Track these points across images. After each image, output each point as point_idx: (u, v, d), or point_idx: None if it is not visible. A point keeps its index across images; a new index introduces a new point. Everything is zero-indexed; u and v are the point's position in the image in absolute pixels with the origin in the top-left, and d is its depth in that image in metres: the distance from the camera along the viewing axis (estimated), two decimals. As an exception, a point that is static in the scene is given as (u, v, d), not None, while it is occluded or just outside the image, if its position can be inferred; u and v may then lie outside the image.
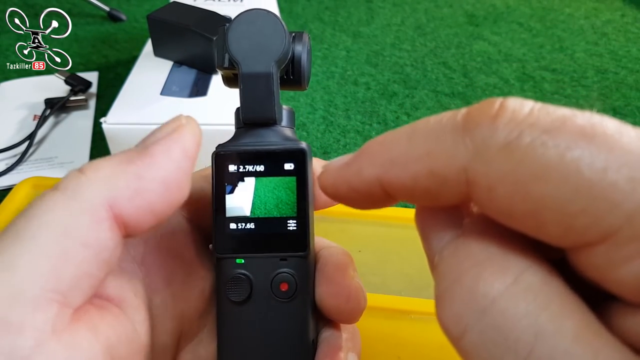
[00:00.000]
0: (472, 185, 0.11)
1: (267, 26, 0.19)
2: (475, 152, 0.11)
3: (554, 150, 0.10)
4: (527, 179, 0.10)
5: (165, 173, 0.15)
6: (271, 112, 0.19)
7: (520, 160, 0.10)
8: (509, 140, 0.10)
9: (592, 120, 0.10)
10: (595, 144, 0.09)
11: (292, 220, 0.19)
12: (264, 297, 0.19)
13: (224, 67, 0.20)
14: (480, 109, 0.11)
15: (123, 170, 0.15)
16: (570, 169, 0.09)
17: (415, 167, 0.12)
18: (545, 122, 0.10)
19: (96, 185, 0.14)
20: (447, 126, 0.11)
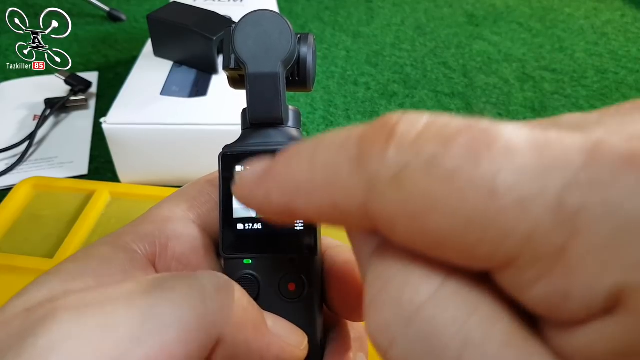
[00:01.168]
0: (373, 219, 0.11)
1: (273, 27, 0.19)
2: (369, 187, 0.10)
3: (439, 179, 0.09)
4: (419, 213, 0.09)
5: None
6: (278, 113, 0.19)
7: (409, 193, 0.09)
8: (397, 172, 0.10)
9: (479, 138, 0.09)
10: (480, 168, 0.09)
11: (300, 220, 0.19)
12: (271, 298, 0.19)
13: (231, 68, 0.20)
14: (373, 133, 0.11)
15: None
16: (457, 199, 0.09)
17: (318, 198, 0.11)
18: (430, 147, 0.09)
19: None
20: (343, 154, 0.11)
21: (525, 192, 0.08)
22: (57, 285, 0.15)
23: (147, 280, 0.15)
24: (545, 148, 0.09)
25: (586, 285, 0.08)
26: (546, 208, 0.08)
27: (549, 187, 0.08)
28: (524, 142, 0.09)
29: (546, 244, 0.08)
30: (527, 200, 0.08)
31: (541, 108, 0.56)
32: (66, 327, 0.13)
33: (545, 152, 0.09)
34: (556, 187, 0.08)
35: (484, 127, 0.09)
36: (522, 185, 0.08)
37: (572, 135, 0.09)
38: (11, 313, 0.14)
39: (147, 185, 0.43)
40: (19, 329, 0.13)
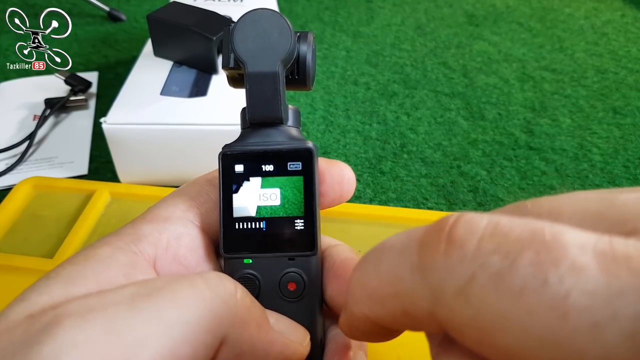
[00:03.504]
0: (443, 326, 0.11)
1: (273, 26, 0.19)
2: (434, 297, 0.10)
3: (507, 297, 0.09)
4: (489, 329, 0.09)
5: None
6: (277, 112, 0.19)
7: (477, 308, 0.09)
8: (462, 285, 0.10)
9: (545, 254, 0.09)
10: (550, 288, 0.09)
11: (300, 220, 0.19)
12: (271, 297, 0.19)
13: (230, 67, 0.20)
14: (431, 238, 0.11)
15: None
16: (528, 318, 0.09)
17: (389, 306, 0.12)
18: (495, 261, 0.09)
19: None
20: (405, 261, 0.11)
21: (599, 317, 0.08)
22: (58, 290, 0.15)
23: (149, 282, 0.15)
24: (615, 268, 0.09)
25: None
26: (620, 335, 0.08)
27: (623, 313, 0.08)
28: (591, 260, 0.09)
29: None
30: (600, 325, 0.08)
31: (541, 108, 0.56)
32: (71, 335, 0.13)
33: (616, 274, 0.08)
34: (630, 314, 0.08)
35: (548, 240, 0.09)
36: (595, 309, 0.08)
37: (638, 248, 0.09)
38: (13, 320, 0.14)
39: (147, 185, 0.43)
40: (23, 337, 0.13)
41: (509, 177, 0.47)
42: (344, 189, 0.20)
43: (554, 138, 0.52)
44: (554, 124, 0.54)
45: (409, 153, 0.50)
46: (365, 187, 0.46)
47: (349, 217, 0.39)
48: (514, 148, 0.50)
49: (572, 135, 0.52)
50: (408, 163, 0.48)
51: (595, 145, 0.51)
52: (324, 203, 0.20)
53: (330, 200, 0.20)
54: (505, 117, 0.55)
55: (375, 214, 0.40)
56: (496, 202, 0.44)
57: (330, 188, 0.20)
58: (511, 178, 0.47)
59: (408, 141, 0.51)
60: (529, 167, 0.48)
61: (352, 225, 0.39)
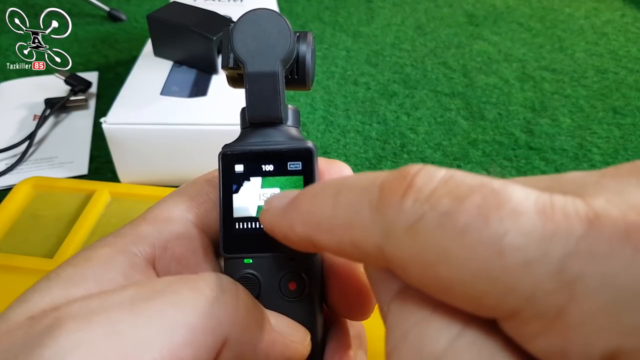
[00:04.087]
0: (388, 261, 0.11)
1: (272, 26, 0.19)
2: (385, 234, 0.11)
3: (451, 234, 0.10)
4: (431, 262, 0.10)
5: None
6: (277, 112, 0.19)
7: (423, 243, 0.10)
8: (412, 223, 0.11)
9: (490, 199, 0.10)
10: (490, 227, 0.10)
11: None
12: (272, 297, 0.19)
13: (229, 67, 0.20)
14: (393, 182, 0.11)
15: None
16: (467, 253, 0.10)
17: (339, 235, 0.12)
18: (445, 203, 0.10)
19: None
20: (365, 198, 0.12)
21: (530, 255, 0.09)
22: (59, 292, 0.15)
23: (150, 284, 0.15)
24: (550, 214, 0.09)
25: (582, 346, 0.09)
26: (548, 272, 0.09)
27: (552, 252, 0.09)
28: (531, 206, 0.10)
29: (546, 304, 0.09)
30: (531, 263, 0.09)
31: (541, 108, 0.56)
32: (73, 337, 0.13)
33: (550, 218, 0.09)
34: (558, 253, 0.09)
35: (495, 188, 0.10)
36: (527, 248, 0.09)
37: (575, 202, 0.10)
38: (14, 321, 0.14)
39: (147, 185, 0.43)
40: (24, 339, 0.13)
41: (509, 177, 0.47)
42: None
43: (554, 138, 0.52)
44: (554, 124, 0.54)
45: (409, 153, 0.50)
46: (365, 187, 0.46)
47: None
48: (514, 148, 0.50)
49: (572, 135, 0.52)
50: (408, 163, 0.48)
51: (595, 145, 0.51)
52: None
53: None
54: (505, 117, 0.55)
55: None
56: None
57: None
58: (511, 178, 0.47)
59: (408, 141, 0.51)
60: (529, 167, 0.48)
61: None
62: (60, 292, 0.15)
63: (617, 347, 0.09)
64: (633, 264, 0.09)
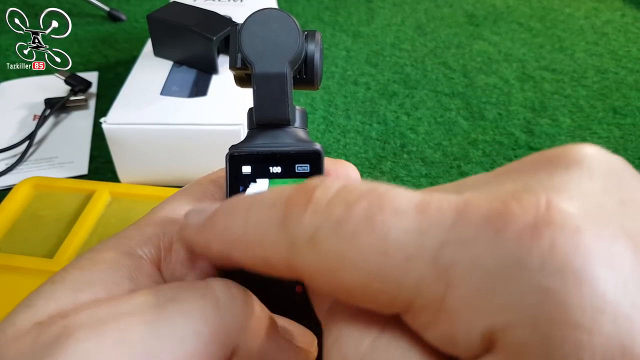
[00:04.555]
0: (298, 274, 0.12)
1: (281, 26, 0.18)
2: (290, 247, 0.12)
3: (344, 239, 0.11)
4: (331, 269, 0.11)
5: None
6: (285, 113, 0.19)
7: (322, 252, 0.11)
8: (311, 234, 0.11)
9: (375, 202, 0.11)
10: (375, 229, 0.10)
11: None
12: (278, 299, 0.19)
13: (237, 67, 0.19)
14: (296, 197, 0.12)
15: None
16: (359, 257, 0.10)
17: (252, 252, 0.13)
18: (337, 211, 0.11)
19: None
20: (272, 214, 0.12)
21: (410, 250, 0.10)
22: (65, 296, 0.15)
23: (160, 291, 0.15)
24: (426, 209, 0.10)
25: (464, 330, 0.10)
26: (426, 264, 0.10)
27: (428, 244, 0.10)
28: (409, 205, 0.10)
29: (429, 294, 0.10)
30: (411, 257, 0.10)
31: (541, 108, 0.56)
32: (82, 347, 0.13)
33: (425, 213, 0.10)
34: (432, 244, 0.10)
35: (381, 192, 0.11)
36: (408, 244, 0.10)
37: (449, 196, 0.10)
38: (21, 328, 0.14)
39: (147, 185, 0.43)
40: (32, 348, 0.13)
41: (509, 177, 0.47)
42: None
43: (554, 138, 0.52)
44: (554, 124, 0.54)
45: (409, 153, 0.50)
46: (365, 187, 0.46)
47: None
48: (514, 148, 0.50)
49: (572, 135, 0.52)
50: (408, 163, 0.48)
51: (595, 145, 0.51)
52: None
53: None
54: (505, 117, 0.55)
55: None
56: (496, 202, 0.44)
57: None
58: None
59: (408, 141, 0.51)
60: (529, 167, 0.48)
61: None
62: (67, 296, 0.15)
63: (491, 325, 0.09)
64: (495, 247, 0.09)
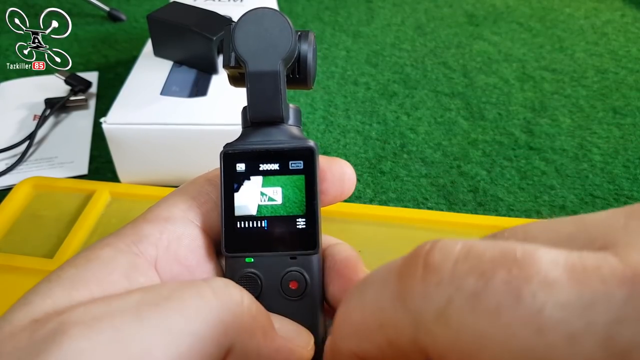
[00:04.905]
0: (427, 353, 0.11)
1: (274, 25, 0.19)
2: (416, 324, 0.10)
3: (484, 316, 0.09)
4: (470, 350, 0.10)
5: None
6: (278, 111, 0.19)
7: (457, 329, 0.10)
8: (441, 309, 0.10)
9: (517, 272, 0.09)
10: (524, 304, 0.09)
11: (301, 219, 0.19)
12: (273, 296, 0.19)
13: (231, 66, 0.20)
14: (409, 267, 0.11)
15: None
16: (506, 335, 0.09)
17: (375, 338, 0.12)
18: (470, 283, 0.10)
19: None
20: (386, 293, 0.11)
21: (574, 328, 0.09)
22: (61, 294, 0.15)
23: (155, 290, 0.15)
24: (585, 279, 0.09)
25: None
26: (596, 344, 0.08)
27: (596, 322, 0.08)
28: (562, 273, 0.09)
29: None
30: (576, 336, 0.08)
31: (541, 108, 0.56)
32: (77, 344, 0.13)
33: (586, 284, 0.09)
34: (603, 321, 0.08)
35: (519, 258, 0.09)
36: (569, 320, 0.09)
37: (608, 259, 0.09)
38: (17, 324, 0.14)
39: (147, 185, 0.43)
40: (28, 344, 0.13)
41: (509, 177, 0.47)
42: (345, 186, 0.20)
43: (554, 138, 0.52)
44: (554, 124, 0.54)
45: (409, 153, 0.50)
46: (365, 187, 0.46)
47: (349, 217, 0.39)
48: (514, 148, 0.50)
49: (572, 135, 0.52)
50: (408, 163, 0.48)
51: (595, 145, 0.51)
52: (325, 201, 0.20)
53: (332, 197, 0.20)
54: (505, 117, 0.55)
55: (375, 214, 0.40)
56: (496, 202, 0.44)
57: (331, 186, 0.20)
58: (511, 178, 0.47)
59: (408, 141, 0.51)
60: (529, 167, 0.48)
61: (352, 225, 0.39)
62: (62, 294, 0.15)
63: None
64: None
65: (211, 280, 0.16)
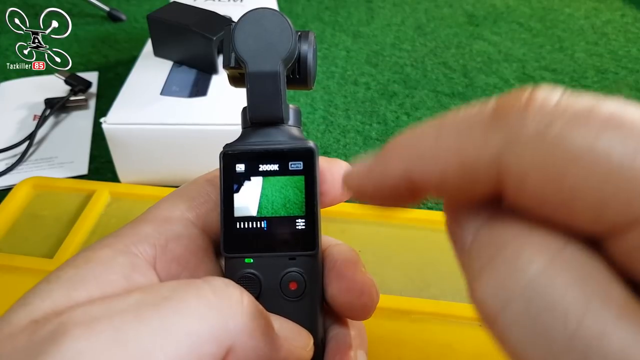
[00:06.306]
0: (504, 175, 0.11)
1: (274, 25, 0.19)
2: (507, 142, 0.10)
3: (583, 137, 0.10)
4: (558, 167, 0.10)
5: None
6: (278, 111, 0.19)
7: (551, 148, 0.10)
8: (540, 129, 0.10)
9: (618, 108, 0.10)
10: (623, 131, 0.09)
11: (301, 219, 0.19)
12: (273, 297, 0.19)
13: (231, 66, 0.20)
14: (510, 99, 0.11)
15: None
16: (600, 155, 0.09)
17: (445, 160, 0.11)
18: (574, 110, 0.10)
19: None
20: (477, 118, 0.11)
21: None
22: (60, 295, 0.15)
23: (155, 290, 0.15)
24: None
25: None
26: None
27: None
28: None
29: None
30: None
31: (541, 108, 0.56)
32: (77, 345, 0.13)
33: None
34: None
35: (620, 102, 0.10)
36: None
37: None
38: (16, 325, 0.14)
39: (147, 185, 0.43)
40: (27, 344, 0.13)
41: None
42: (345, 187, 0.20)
43: (554, 138, 0.52)
44: (554, 124, 0.54)
45: (409, 153, 0.50)
46: (365, 187, 0.46)
47: (349, 217, 0.39)
48: (514, 148, 0.50)
49: (572, 135, 0.52)
50: (408, 163, 0.48)
51: (595, 145, 0.51)
52: (325, 202, 0.20)
53: (331, 199, 0.20)
54: (505, 117, 0.55)
55: (376, 214, 0.40)
56: (496, 202, 0.44)
57: (331, 187, 0.20)
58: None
59: (408, 141, 0.51)
60: (529, 167, 0.48)
61: (352, 225, 0.39)
62: (62, 294, 0.15)
63: None
64: None
65: (211, 279, 0.16)
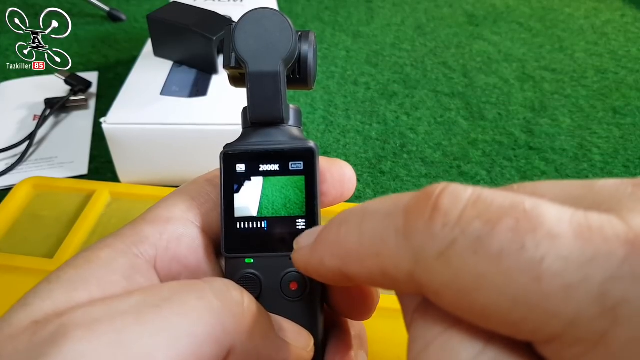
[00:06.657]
0: (420, 287, 0.11)
1: (274, 25, 0.19)
2: (416, 259, 0.11)
3: (486, 259, 0.10)
4: (466, 289, 0.10)
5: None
6: (279, 112, 0.19)
7: (457, 269, 0.10)
8: (443, 249, 0.10)
9: (524, 222, 0.10)
10: (526, 252, 0.09)
11: (301, 220, 0.19)
12: (273, 297, 0.19)
13: (231, 66, 0.19)
14: (417, 205, 0.11)
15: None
16: (504, 280, 0.09)
17: (368, 265, 0.12)
18: (477, 226, 0.10)
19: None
20: (390, 224, 0.12)
21: (570, 280, 0.09)
22: (61, 295, 0.15)
23: (156, 291, 0.15)
24: (588, 235, 0.09)
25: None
26: (590, 297, 0.09)
27: (593, 276, 0.09)
28: (567, 228, 0.09)
29: (588, 329, 0.09)
30: (572, 288, 0.09)
31: (541, 108, 0.56)
32: (78, 347, 0.13)
33: (589, 241, 0.09)
34: (600, 277, 0.09)
35: (528, 209, 0.10)
36: (567, 273, 0.09)
37: (612, 221, 0.09)
38: (17, 326, 0.14)
39: (147, 185, 0.43)
40: (28, 346, 0.13)
41: (509, 177, 0.47)
42: (345, 187, 0.20)
43: (554, 138, 0.52)
44: (554, 124, 0.54)
45: (409, 153, 0.50)
46: (365, 187, 0.46)
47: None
48: (514, 148, 0.50)
49: (572, 135, 0.52)
50: (408, 163, 0.48)
51: (595, 145, 0.51)
52: (325, 202, 0.20)
53: (332, 199, 0.20)
54: (505, 117, 0.55)
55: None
56: (496, 202, 0.44)
57: (331, 187, 0.20)
58: (511, 178, 0.47)
59: (408, 141, 0.51)
60: (529, 167, 0.48)
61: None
62: (62, 295, 0.15)
63: None
64: None
65: (211, 280, 0.16)
